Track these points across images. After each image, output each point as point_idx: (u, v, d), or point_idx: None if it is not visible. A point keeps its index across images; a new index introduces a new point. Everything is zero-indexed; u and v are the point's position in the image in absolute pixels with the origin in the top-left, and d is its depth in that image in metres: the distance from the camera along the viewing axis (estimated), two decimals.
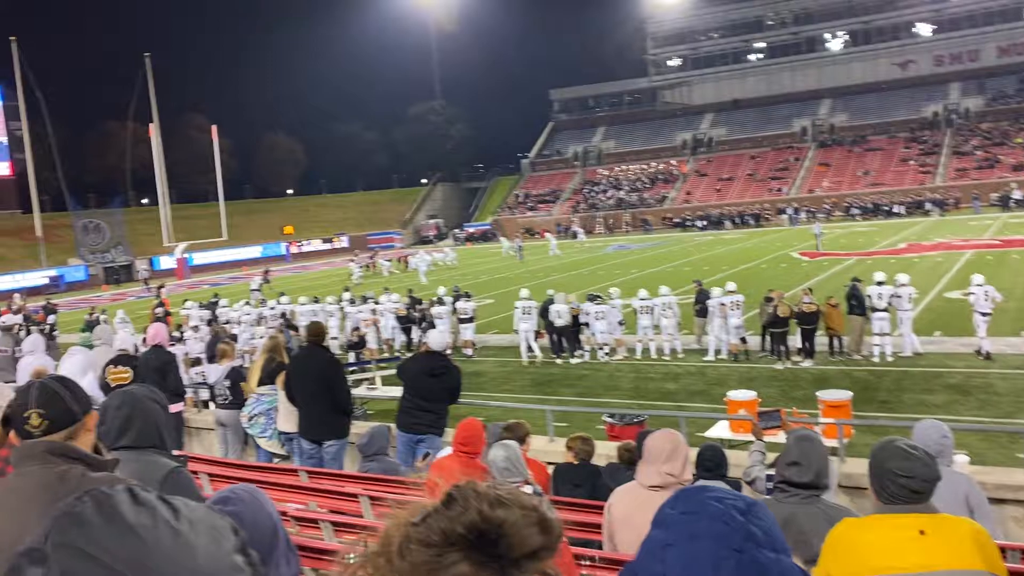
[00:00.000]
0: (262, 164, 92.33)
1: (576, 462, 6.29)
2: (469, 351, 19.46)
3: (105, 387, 8.05)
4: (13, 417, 2.35)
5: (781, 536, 1.09)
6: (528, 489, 4.99)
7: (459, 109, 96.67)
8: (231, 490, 1.89)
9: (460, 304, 19.89)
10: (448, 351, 8.94)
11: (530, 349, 18.75)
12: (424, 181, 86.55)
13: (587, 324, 17.80)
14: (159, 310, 24.60)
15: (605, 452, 7.25)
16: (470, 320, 19.68)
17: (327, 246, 68.03)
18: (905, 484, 2.61)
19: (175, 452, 3.77)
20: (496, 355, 19.27)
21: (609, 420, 10.32)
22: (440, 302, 20.07)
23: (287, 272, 51.39)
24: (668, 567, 1.07)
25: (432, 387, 8.10)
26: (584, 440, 6.47)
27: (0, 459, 3.15)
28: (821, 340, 16.27)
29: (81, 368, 8.19)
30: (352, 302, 22.14)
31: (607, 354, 17.82)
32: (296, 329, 18.62)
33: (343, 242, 68.64)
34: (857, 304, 15.96)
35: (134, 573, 0.77)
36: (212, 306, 24.64)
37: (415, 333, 20.34)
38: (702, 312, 17.70)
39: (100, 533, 0.79)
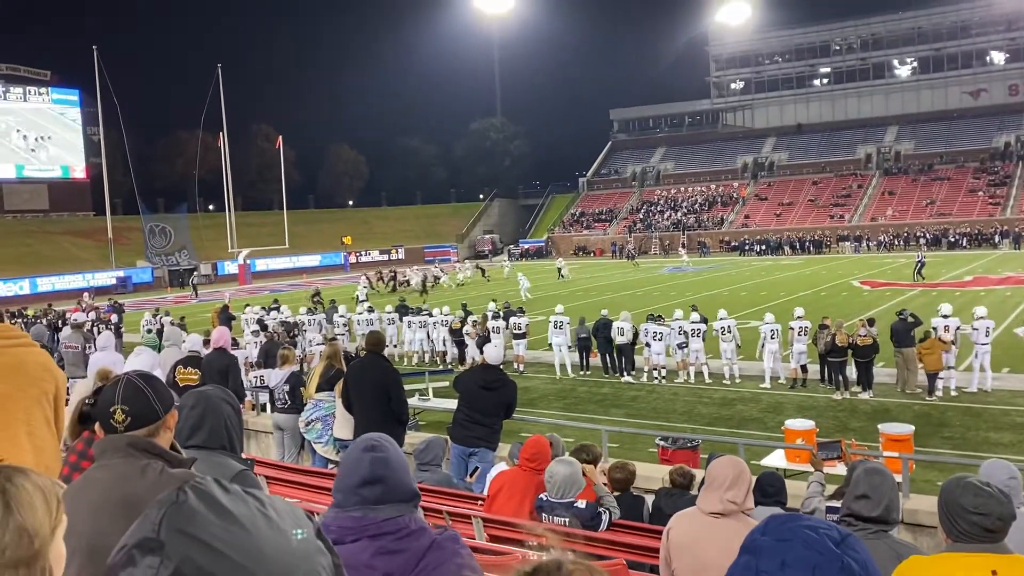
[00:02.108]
0: (325, 175, 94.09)
1: (617, 492, 6.09)
2: (520, 366, 19.50)
3: (173, 386, 8.26)
4: (99, 412, 2.43)
5: (877, 570, 1.07)
6: (581, 504, 4.98)
7: (519, 126, 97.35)
8: (370, 438, 2.23)
9: (513, 320, 19.98)
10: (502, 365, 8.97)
11: (583, 366, 18.85)
12: (481, 196, 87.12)
13: (648, 344, 17.71)
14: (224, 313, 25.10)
15: (659, 475, 7.17)
16: (523, 336, 19.74)
17: (384, 257, 68.85)
18: (978, 522, 2.53)
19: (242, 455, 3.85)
20: (547, 371, 19.25)
21: (662, 443, 10.21)
22: (496, 317, 20.21)
23: (345, 282, 52.09)
24: None
25: (487, 400, 8.13)
26: (618, 468, 6.15)
27: (75, 452, 3.26)
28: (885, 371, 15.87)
29: (148, 367, 8.41)
30: (407, 312, 22.41)
31: (663, 376, 17.67)
32: (292, 335, 18.63)
33: (400, 254, 69.43)
34: (914, 336, 15.52)
35: (242, 557, 0.80)
36: (271, 312, 25.13)
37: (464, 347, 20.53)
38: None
39: (209, 523, 0.82)
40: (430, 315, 21.49)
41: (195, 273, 52.42)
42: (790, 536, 1.09)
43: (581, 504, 4.91)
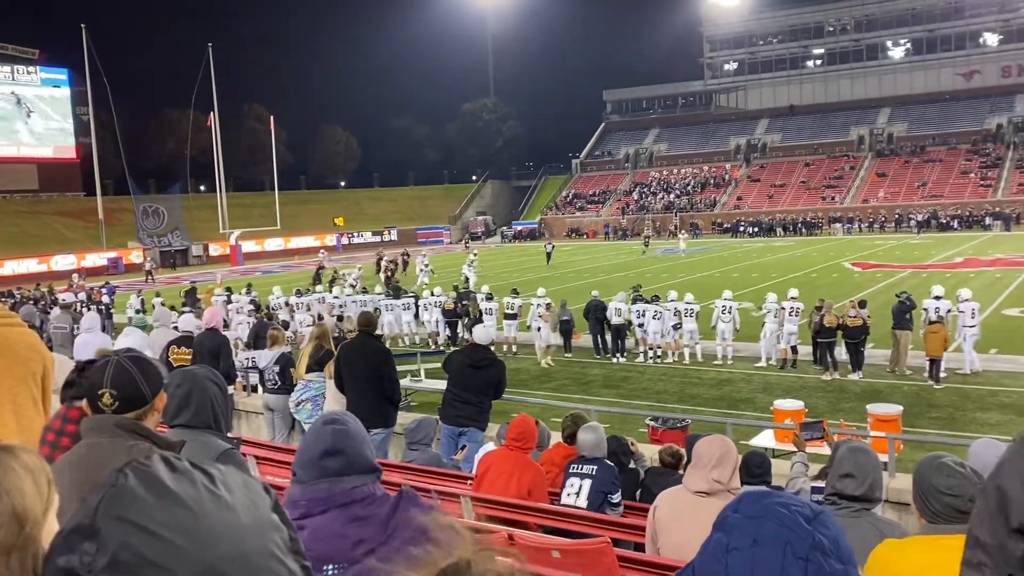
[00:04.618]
0: (317, 156, 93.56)
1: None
2: (513, 348, 19.53)
3: (166, 366, 8.26)
4: (87, 393, 2.42)
5: (848, 547, 1.08)
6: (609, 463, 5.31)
7: (512, 107, 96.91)
8: (331, 413, 2.40)
9: (505, 300, 20.01)
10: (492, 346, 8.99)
11: (566, 349, 18.88)
12: (474, 178, 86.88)
13: (641, 325, 17.74)
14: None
15: (649, 455, 7.20)
16: (514, 317, 19.73)
17: (376, 239, 68.66)
18: (950, 503, 2.55)
19: (229, 435, 3.85)
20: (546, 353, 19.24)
21: (652, 423, 10.27)
22: (488, 298, 20.24)
23: (339, 263, 51.94)
24: (731, 571, 1.06)
25: (475, 379, 8.15)
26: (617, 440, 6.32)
27: (52, 431, 3.23)
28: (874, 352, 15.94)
29: (138, 348, 8.39)
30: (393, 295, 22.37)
31: (657, 357, 17.72)
32: (270, 317, 18.43)
33: (392, 235, 69.25)
34: (910, 319, 15.60)
35: (185, 540, 0.79)
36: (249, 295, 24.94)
37: (460, 328, 20.56)
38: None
39: (149, 505, 0.80)
40: (416, 299, 21.60)
41: (149, 259, 51.25)
42: (762, 513, 1.09)
43: (609, 463, 5.18)
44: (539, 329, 18.53)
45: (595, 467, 5.20)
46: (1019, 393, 13.83)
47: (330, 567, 2.11)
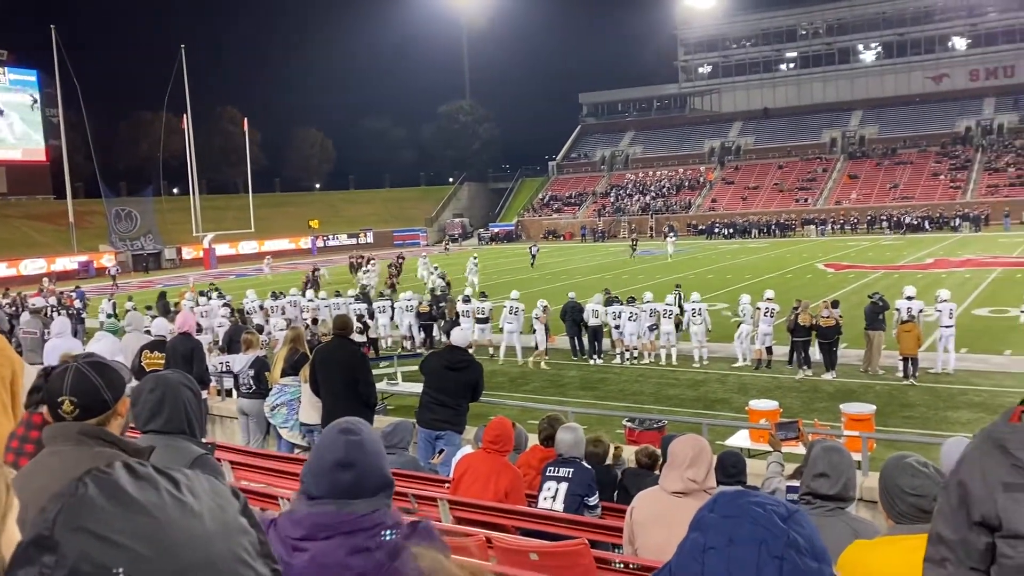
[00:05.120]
0: (292, 158, 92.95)
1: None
2: (491, 351, 19.49)
3: (139, 371, 8.16)
4: (48, 400, 2.37)
5: (822, 545, 1.08)
6: (586, 465, 5.08)
7: (488, 109, 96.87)
8: (346, 421, 2.26)
9: (476, 304, 19.98)
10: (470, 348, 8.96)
11: (543, 351, 18.86)
12: (451, 180, 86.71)
13: (617, 326, 17.78)
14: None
15: (626, 456, 7.22)
16: (486, 320, 19.71)
17: (352, 241, 68.28)
18: (915, 503, 2.57)
19: (203, 440, 3.80)
20: (512, 355, 19.23)
21: (629, 424, 10.32)
22: (466, 300, 20.21)
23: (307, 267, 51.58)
24: (707, 570, 1.07)
25: (452, 381, 8.13)
26: (593, 442, 6.22)
27: (16, 438, 3.17)
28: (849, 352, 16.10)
29: (109, 352, 8.28)
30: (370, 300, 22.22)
31: (634, 358, 17.78)
32: (244, 321, 18.26)
33: (368, 238, 68.92)
34: (883, 319, 15.79)
35: (148, 549, 0.77)
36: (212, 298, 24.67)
37: (435, 331, 20.48)
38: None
39: (109, 514, 0.78)
40: (392, 302, 21.54)
41: (113, 264, 50.17)
42: (738, 512, 1.09)
43: (586, 465, 5.17)
44: (533, 331, 18.43)
45: (571, 470, 5.17)
46: (989, 392, 14.04)
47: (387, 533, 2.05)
